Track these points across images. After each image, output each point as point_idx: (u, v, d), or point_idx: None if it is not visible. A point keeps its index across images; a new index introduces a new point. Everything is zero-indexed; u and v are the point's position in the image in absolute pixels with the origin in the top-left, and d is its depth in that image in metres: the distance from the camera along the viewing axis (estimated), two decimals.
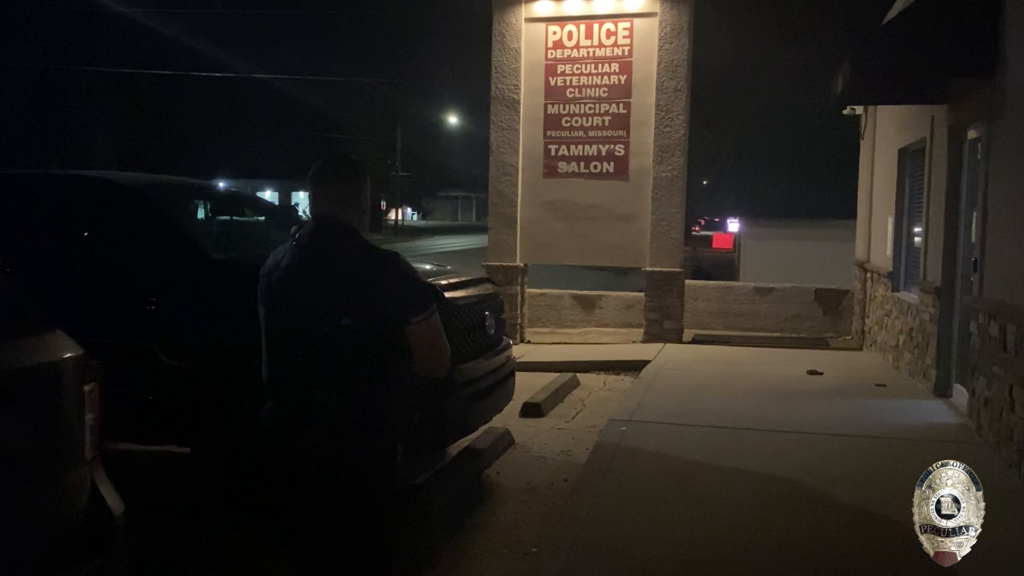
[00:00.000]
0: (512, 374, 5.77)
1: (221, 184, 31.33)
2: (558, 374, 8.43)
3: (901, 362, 8.59)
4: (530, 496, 5.05)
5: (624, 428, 6.14)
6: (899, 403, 7.18)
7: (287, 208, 44.12)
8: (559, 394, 7.79)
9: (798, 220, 18.42)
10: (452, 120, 53.09)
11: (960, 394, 6.80)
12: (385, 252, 2.61)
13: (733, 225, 36.15)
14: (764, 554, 4.01)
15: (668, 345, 10.30)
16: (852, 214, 11.85)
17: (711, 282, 13.51)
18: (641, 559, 3.95)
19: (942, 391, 7.24)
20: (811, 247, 15.25)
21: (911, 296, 8.40)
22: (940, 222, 7.31)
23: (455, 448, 5.49)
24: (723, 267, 23.42)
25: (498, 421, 5.82)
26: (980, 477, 5.24)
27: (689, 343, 10.64)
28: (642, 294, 11.04)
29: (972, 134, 6.76)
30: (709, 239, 41.78)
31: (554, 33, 10.82)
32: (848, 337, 11.18)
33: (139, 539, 2.93)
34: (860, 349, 10.57)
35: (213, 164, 45.83)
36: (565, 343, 10.95)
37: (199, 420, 4.64)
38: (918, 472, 5.38)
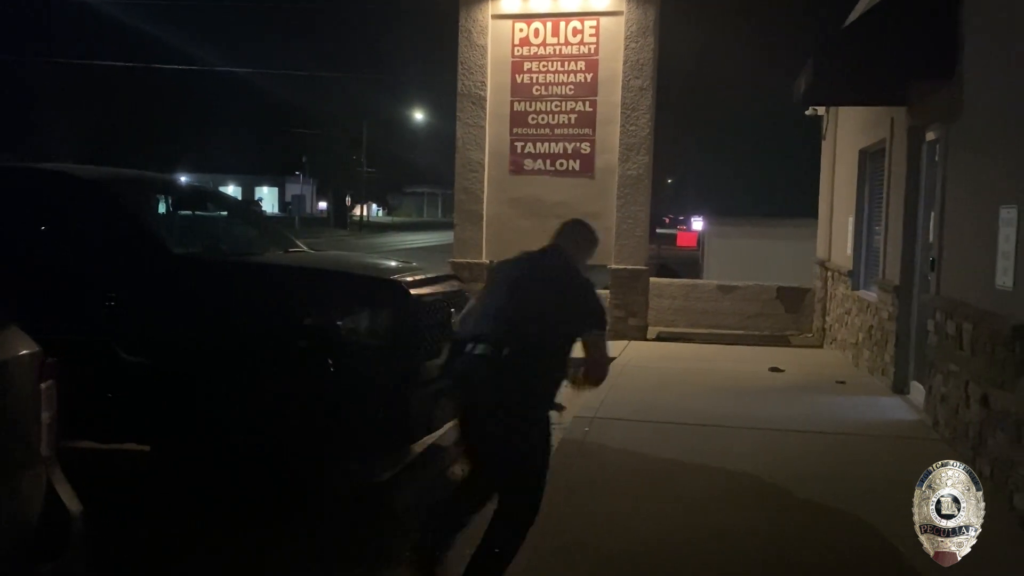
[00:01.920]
0: None
1: (183, 178, 30.86)
2: None
3: (860, 359, 8.74)
4: None
5: (587, 428, 6.16)
6: (858, 400, 7.31)
7: (249, 203, 43.63)
8: None
9: (761, 219, 18.66)
10: (418, 116, 52.90)
11: (917, 391, 6.93)
12: (588, 282, 3.54)
13: (698, 223, 36.48)
14: (728, 550, 4.05)
15: (633, 342, 10.37)
16: (814, 213, 12.02)
17: (675, 280, 13.61)
18: (605, 556, 3.97)
19: (900, 388, 7.38)
20: (773, 246, 15.44)
21: (870, 294, 8.55)
22: (899, 222, 7.45)
23: (420, 445, 5.47)
24: (688, 265, 23.62)
25: None
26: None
27: (653, 340, 10.73)
28: (607, 291, 11.09)
29: (931, 136, 6.89)
30: (674, 237, 42.17)
31: (520, 30, 10.82)
32: (809, 334, 11.35)
33: (98, 540, 2.88)
34: (821, 346, 10.74)
35: (175, 158, 45.13)
36: None
37: (160, 418, 4.57)
38: (876, 467, 5.50)
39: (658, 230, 39.25)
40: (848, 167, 10.04)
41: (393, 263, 5.83)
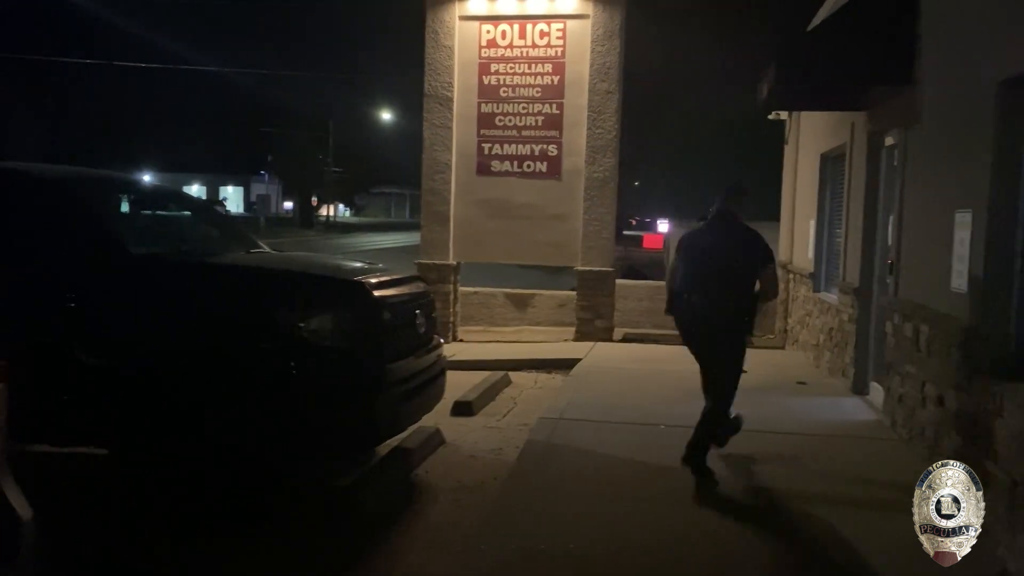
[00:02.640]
0: (443, 373, 5.75)
1: (147, 178, 30.41)
2: (490, 372, 8.44)
3: (821, 360, 8.87)
4: (460, 495, 5.05)
5: (553, 428, 6.18)
6: (819, 400, 7.42)
7: (213, 203, 43.07)
8: (491, 392, 7.80)
9: None
10: (386, 116, 52.60)
11: (876, 392, 7.05)
12: (754, 231, 5.23)
13: (664, 226, 36.75)
14: (694, 551, 4.09)
15: (599, 344, 10.42)
16: (776, 216, 12.17)
17: (641, 281, 13.70)
18: (570, 557, 3.99)
19: (860, 389, 7.50)
20: None
21: (831, 296, 8.68)
22: (859, 225, 7.58)
23: (384, 448, 5.45)
24: (654, 266, 23.77)
25: (429, 420, 5.79)
26: (895, 471, 5.46)
27: (620, 341, 10.79)
28: (574, 293, 11.14)
29: (890, 140, 7.02)
30: (640, 239, 42.41)
31: (488, 32, 10.83)
32: (771, 336, 11.48)
33: (52, 546, 2.83)
34: (783, 347, 10.88)
35: (140, 157, 44.46)
36: (498, 341, 10.98)
37: (118, 421, 4.50)
38: (837, 467, 5.58)
39: (625, 232, 39.47)
40: (810, 171, 10.18)
41: (357, 264, 5.80)
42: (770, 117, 11.78)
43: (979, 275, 4.61)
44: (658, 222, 41.29)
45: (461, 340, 10.99)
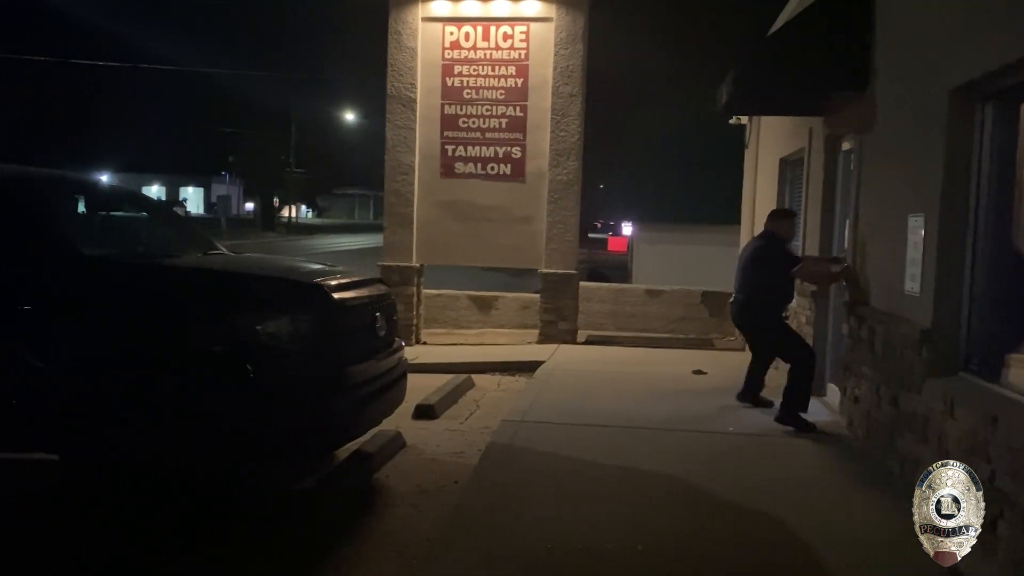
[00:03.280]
0: (404, 376, 5.72)
1: (104, 178, 29.82)
2: (453, 375, 8.41)
3: (780, 362, 8.96)
4: (420, 499, 5.02)
5: (515, 430, 6.18)
6: (778, 402, 7.47)
7: (171, 204, 42.40)
8: (453, 395, 7.78)
9: (687, 224, 19.01)
10: (350, 117, 52.24)
11: (834, 393, 7.16)
12: (779, 249, 6.75)
13: (628, 228, 36.95)
14: (652, 552, 4.10)
15: (562, 346, 10.45)
16: (737, 219, 12.31)
17: (604, 284, 13.77)
18: (531, 560, 3.98)
19: (817, 390, 7.59)
20: (699, 251, 15.76)
21: None
22: (816, 228, 7.69)
23: (344, 452, 5.40)
24: (618, 269, 23.92)
25: (390, 423, 5.76)
26: (851, 471, 5.55)
27: (583, 344, 10.82)
28: (538, 295, 11.16)
29: (846, 145, 7.14)
30: (605, 242, 42.62)
31: (451, 33, 10.81)
32: (732, 338, 11.58)
33: None
34: (743, 349, 10.94)
35: (98, 157, 43.61)
36: (461, 344, 10.95)
37: (71, 426, 4.40)
38: (794, 467, 5.64)
39: (589, 235, 39.67)
40: (769, 175, 10.31)
41: (316, 266, 5.74)
42: (731, 122, 11.92)
43: (931, 278, 4.70)
44: (623, 225, 41.51)
45: (424, 343, 10.95)
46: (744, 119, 11.68)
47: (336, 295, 4.77)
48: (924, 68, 5.05)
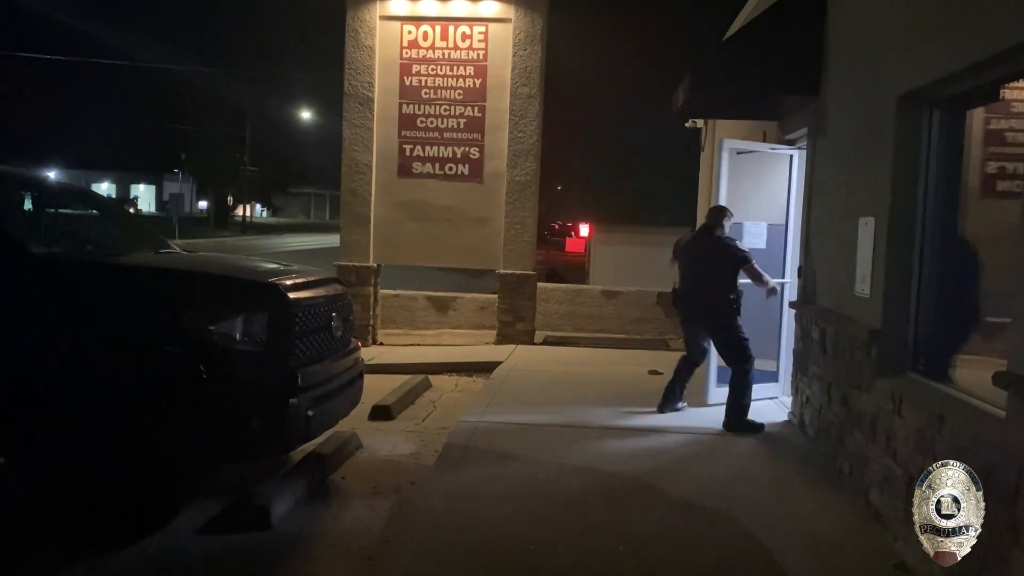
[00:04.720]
0: (360, 376, 5.67)
1: (52, 174, 29.06)
2: (410, 376, 8.37)
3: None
4: (376, 500, 4.98)
5: (472, 431, 6.17)
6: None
7: (122, 201, 41.45)
8: (410, 396, 7.73)
9: (643, 226, 19.18)
10: (306, 115, 51.59)
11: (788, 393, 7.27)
12: (726, 242, 6.60)
13: (585, 230, 37.14)
14: (605, 550, 4.12)
15: (520, 346, 10.47)
16: (693, 221, 12.44)
17: (562, 285, 13.83)
18: (487, 560, 3.98)
19: (785, 390, 7.71)
20: (654, 252, 15.81)
21: None
22: None
23: (299, 453, 5.34)
24: (576, 271, 24.02)
25: (346, 424, 5.70)
26: (803, 469, 5.63)
27: (540, 344, 10.86)
28: (496, 296, 11.16)
29: (799, 148, 7.25)
30: (563, 243, 42.79)
31: (409, 32, 10.76)
32: None
33: None
34: None
35: (46, 153, 42.46)
36: (418, 345, 10.91)
37: (17, 429, 4.28)
38: (746, 467, 5.72)
39: (547, 236, 39.79)
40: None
41: (271, 265, 5.66)
42: (687, 125, 12.06)
43: (881, 280, 4.80)
44: (581, 226, 41.71)
45: (381, 343, 10.88)
46: (700, 122, 11.83)
47: (291, 294, 4.71)
48: (874, 74, 5.16)
